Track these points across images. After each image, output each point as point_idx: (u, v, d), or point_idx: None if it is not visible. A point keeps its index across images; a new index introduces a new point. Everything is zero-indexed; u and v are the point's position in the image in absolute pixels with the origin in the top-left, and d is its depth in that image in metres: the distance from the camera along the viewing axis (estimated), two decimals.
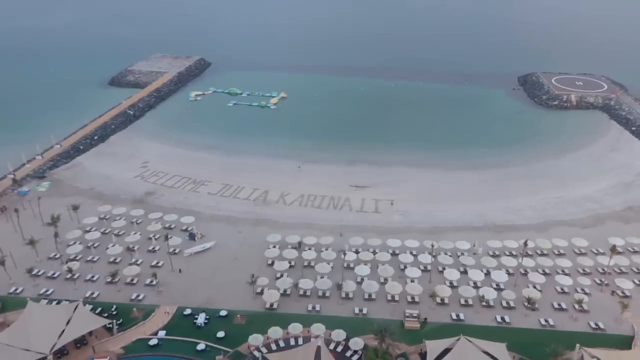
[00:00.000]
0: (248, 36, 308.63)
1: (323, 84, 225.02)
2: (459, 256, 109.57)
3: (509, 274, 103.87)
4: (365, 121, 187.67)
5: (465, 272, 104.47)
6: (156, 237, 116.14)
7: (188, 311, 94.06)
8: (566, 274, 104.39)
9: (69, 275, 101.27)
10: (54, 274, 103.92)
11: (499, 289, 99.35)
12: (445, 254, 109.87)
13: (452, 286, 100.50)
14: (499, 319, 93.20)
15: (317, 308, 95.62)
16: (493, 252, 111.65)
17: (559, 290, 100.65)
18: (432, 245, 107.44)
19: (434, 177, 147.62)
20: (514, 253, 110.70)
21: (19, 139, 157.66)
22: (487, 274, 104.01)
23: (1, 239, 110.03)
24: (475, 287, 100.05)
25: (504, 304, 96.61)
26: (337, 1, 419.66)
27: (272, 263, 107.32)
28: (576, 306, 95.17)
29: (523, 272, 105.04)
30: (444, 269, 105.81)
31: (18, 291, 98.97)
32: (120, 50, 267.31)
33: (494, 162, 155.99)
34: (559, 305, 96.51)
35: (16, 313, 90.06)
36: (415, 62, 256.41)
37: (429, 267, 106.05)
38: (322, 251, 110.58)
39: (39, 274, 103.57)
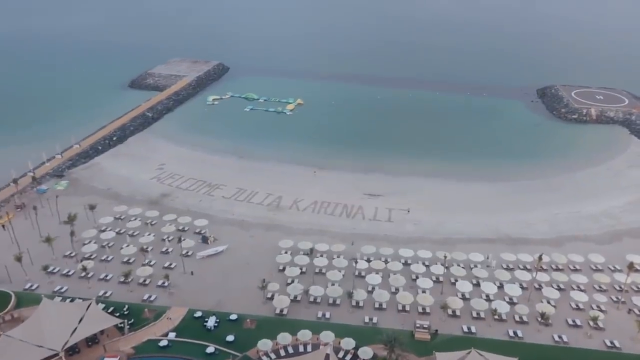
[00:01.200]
0: (266, 43, 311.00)
1: (339, 92, 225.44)
2: (472, 268, 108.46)
3: (522, 287, 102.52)
4: (381, 130, 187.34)
5: (478, 285, 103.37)
6: (170, 239, 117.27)
7: (199, 314, 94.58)
8: (581, 290, 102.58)
9: (83, 274, 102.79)
10: (68, 271, 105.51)
11: (512, 303, 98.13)
12: (458, 265, 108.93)
13: (464, 298, 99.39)
14: (511, 333, 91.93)
15: (327, 315, 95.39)
16: (507, 265, 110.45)
17: (574, 306, 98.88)
18: (445, 257, 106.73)
19: (448, 188, 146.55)
20: (528, 267, 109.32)
21: (40, 138, 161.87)
22: (500, 287, 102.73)
23: (19, 236, 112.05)
24: (488, 300, 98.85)
25: (517, 318, 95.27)
26: (355, 11, 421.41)
27: (284, 269, 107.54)
28: (591, 323, 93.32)
29: (537, 286, 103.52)
30: (456, 280, 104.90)
31: (33, 287, 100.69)
32: (141, 54, 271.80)
33: (509, 175, 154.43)
34: (574, 321, 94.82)
35: (31, 309, 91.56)
36: (433, 72, 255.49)
37: (441, 278, 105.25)
38: (333, 258, 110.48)
39: (54, 271, 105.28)
